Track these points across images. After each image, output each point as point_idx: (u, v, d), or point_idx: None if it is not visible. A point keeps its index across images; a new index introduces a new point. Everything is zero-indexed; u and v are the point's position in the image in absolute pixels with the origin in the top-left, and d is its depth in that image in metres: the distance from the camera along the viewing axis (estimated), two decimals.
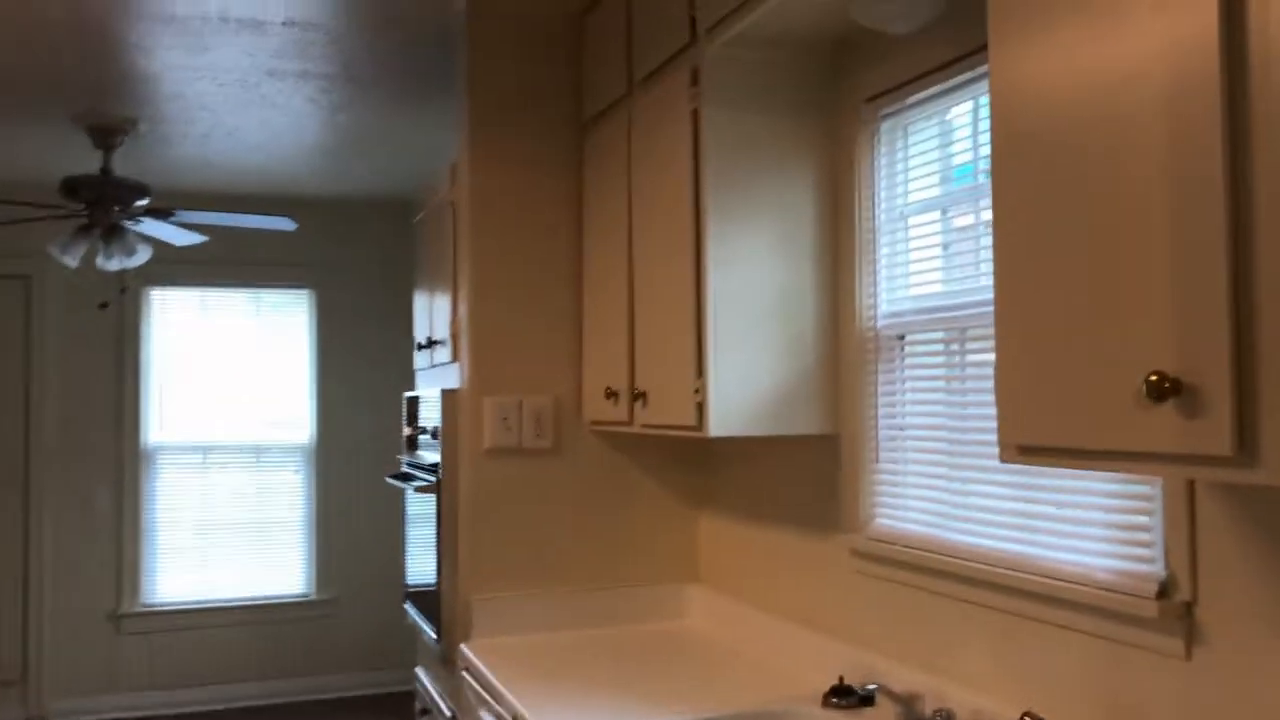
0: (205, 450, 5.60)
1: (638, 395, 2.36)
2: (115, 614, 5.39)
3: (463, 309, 2.77)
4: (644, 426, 2.35)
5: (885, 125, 2.08)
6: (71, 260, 4.08)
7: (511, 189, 2.73)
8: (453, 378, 2.91)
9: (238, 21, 2.95)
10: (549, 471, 2.74)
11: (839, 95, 2.18)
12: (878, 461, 2.09)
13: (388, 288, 5.80)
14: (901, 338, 2.03)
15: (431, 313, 3.23)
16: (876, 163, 2.10)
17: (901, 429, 2.02)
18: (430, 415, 2.97)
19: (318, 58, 3.28)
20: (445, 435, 2.79)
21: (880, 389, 2.08)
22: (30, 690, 5.24)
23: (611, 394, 2.50)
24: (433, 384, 3.22)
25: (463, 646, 2.60)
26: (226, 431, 5.64)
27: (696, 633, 2.68)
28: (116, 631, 5.39)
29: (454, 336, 2.90)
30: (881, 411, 2.08)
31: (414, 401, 3.26)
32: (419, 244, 3.50)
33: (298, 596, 5.69)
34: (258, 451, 5.68)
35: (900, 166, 2.06)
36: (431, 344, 3.17)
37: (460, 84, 2.80)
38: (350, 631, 5.73)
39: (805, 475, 2.32)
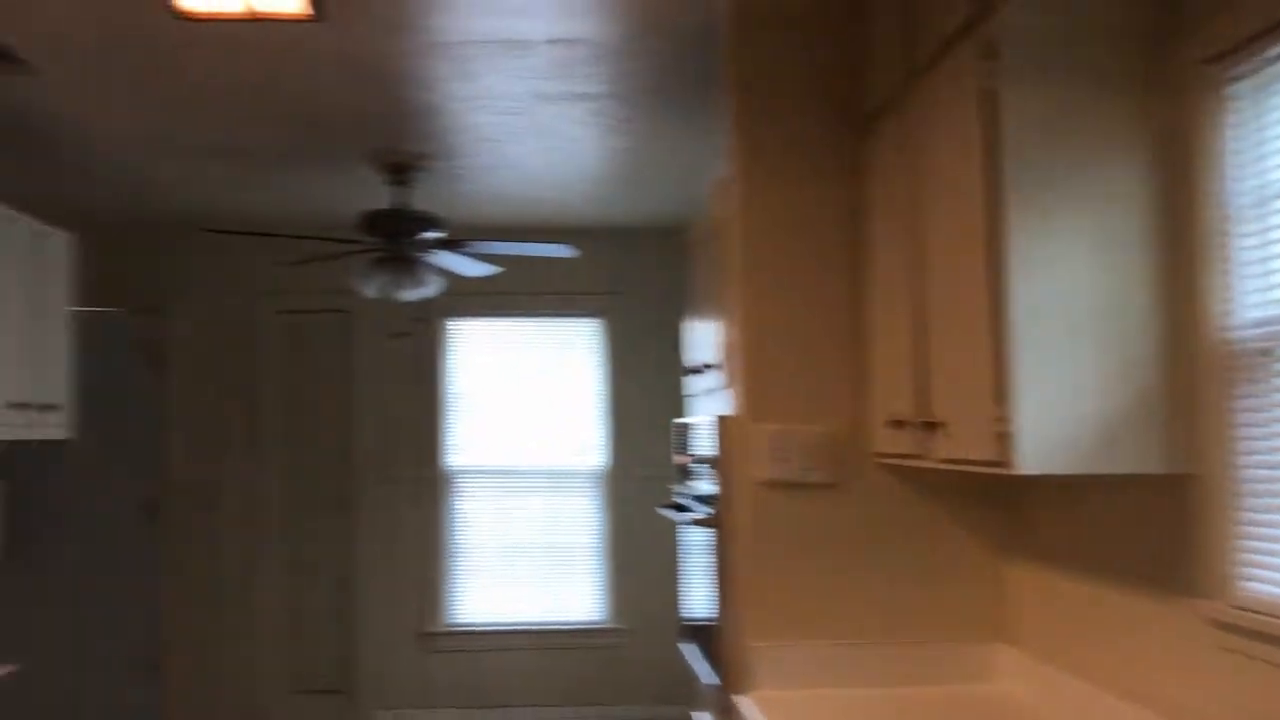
0: (503, 475, 5.74)
1: (929, 425, 2.04)
2: (424, 632, 5.62)
3: (734, 330, 2.56)
4: (938, 461, 2.03)
5: (1236, 90, 1.67)
6: (371, 292, 4.26)
7: (783, 200, 2.50)
8: (726, 404, 2.70)
9: (502, 44, 2.91)
10: (830, 508, 2.46)
11: (1168, 59, 1.78)
12: (1242, 509, 1.66)
13: (672, 315, 5.72)
14: (1269, 352, 1.60)
15: (704, 336, 3.05)
16: (1226, 137, 1.69)
17: (1275, 468, 1.59)
18: (703, 443, 2.78)
19: (584, 77, 3.20)
20: (720, 465, 2.59)
21: (1242, 417, 1.65)
22: (352, 701, 5.55)
23: (898, 423, 2.19)
24: (706, 410, 3.04)
25: (741, 698, 2.37)
26: (523, 457, 5.76)
27: (1004, 700, 2.30)
28: (426, 649, 5.62)
29: (726, 360, 2.69)
30: (1244, 446, 1.65)
31: (684, 429, 3.08)
32: (691, 264, 3.34)
33: (592, 623, 5.69)
34: (552, 477, 5.75)
35: (1259, 140, 1.64)
36: (704, 368, 2.99)
37: (726, 91, 2.61)
38: (641, 661, 5.66)
39: (1143, 523, 1.91)
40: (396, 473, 5.66)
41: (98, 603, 5.50)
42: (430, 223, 4.19)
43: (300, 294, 5.66)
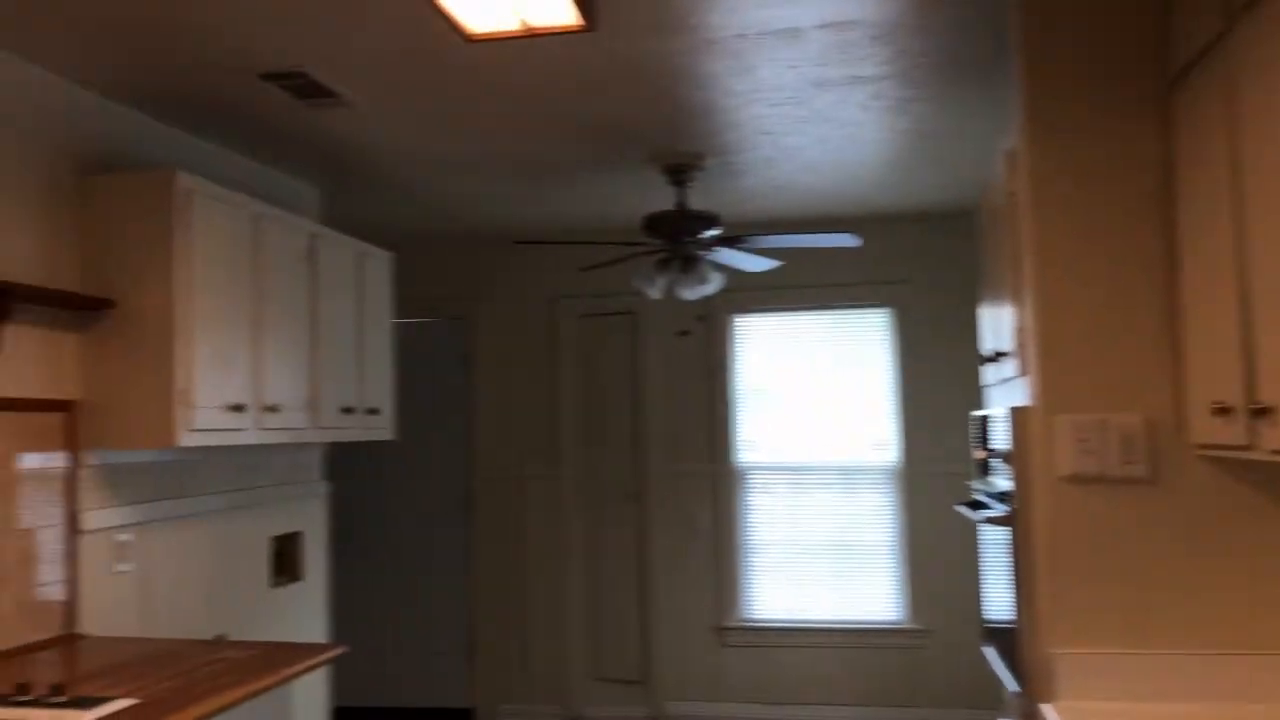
0: (794, 471, 5.70)
1: (1260, 410, 1.81)
2: (718, 627, 5.68)
3: (1027, 313, 2.39)
4: (1268, 452, 1.79)
5: None
6: (655, 292, 4.35)
7: (1079, 167, 2.30)
8: (1021, 394, 2.53)
9: (774, 34, 2.88)
10: (1144, 505, 2.24)
11: None
12: None
13: (966, 302, 5.45)
14: None
15: (997, 321, 2.86)
16: None
17: None
18: (1000, 437, 2.61)
19: (861, 59, 3.10)
20: (1015, 459, 2.42)
21: None
22: (650, 691, 5.71)
23: (1223, 409, 1.96)
24: (1001, 401, 2.85)
25: (1046, 707, 2.21)
26: (814, 453, 5.69)
27: None
28: (720, 643, 5.68)
29: (1020, 346, 2.52)
30: None
31: (983, 421, 2.92)
32: (982, 245, 3.15)
33: (889, 623, 5.54)
34: (845, 473, 5.65)
35: None
36: (998, 356, 2.81)
37: (1014, 56, 2.43)
38: (941, 663, 5.44)
39: None
40: (686, 468, 5.76)
41: (419, 590, 5.99)
42: (710, 221, 4.22)
43: (592, 297, 5.89)
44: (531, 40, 2.80)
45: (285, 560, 4.28)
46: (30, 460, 2.91)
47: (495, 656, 5.86)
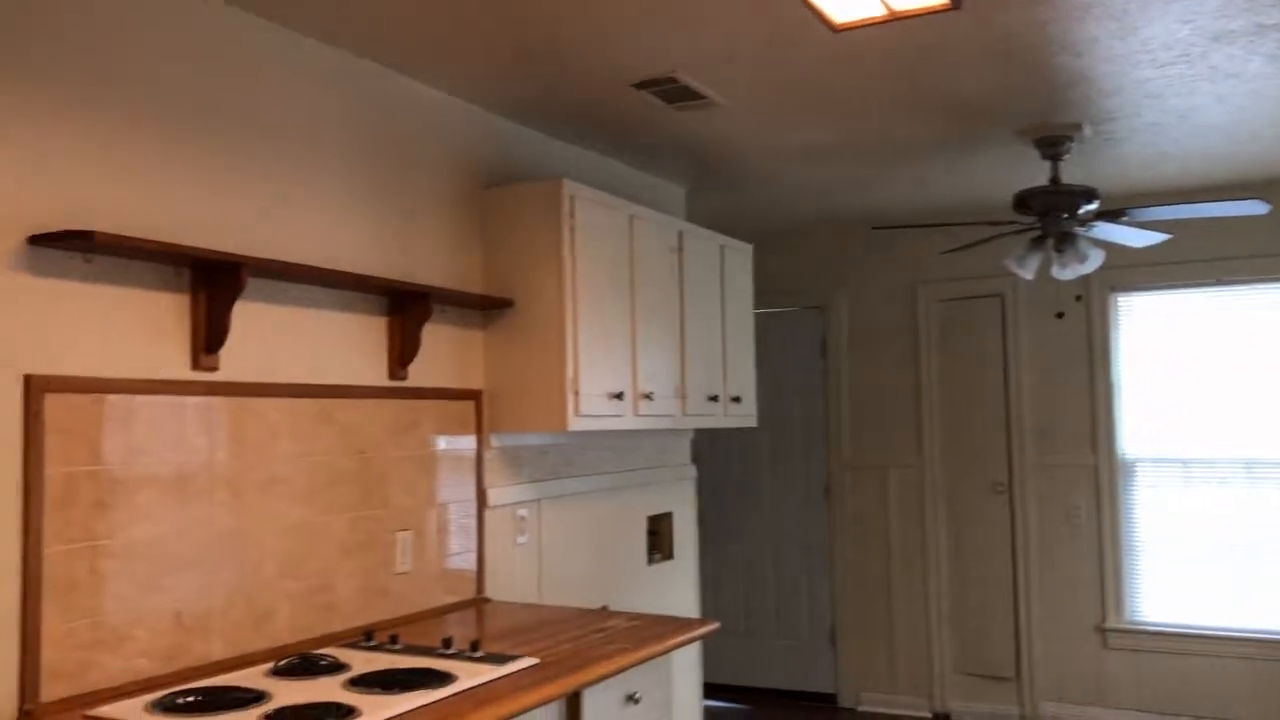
0: (1184, 464, 5.21)
1: None
2: (1101, 627, 5.32)
3: None
4: None
5: None
6: (1027, 273, 4.14)
7: None
8: None
9: None
10: None
11: None
12: None
13: None
14: None
15: None
16: None
17: None
18: None
19: (1270, 4, 2.77)
20: None
21: None
22: (1023, 689, 5.46)
23: None
24: None
25: None
26: (1210, 445, 5.17)
27: None
28: (1103, 645, 5.31)
29: None
30: None
31: None
32: None
33: None
34: (1249, 466, 5.08)
35: None
36: None
37: None
38: None
39: None
40: (1063, 459, 5.43)
41: (780, 576, 6.09)
42: (1086, 195, 3.95)
43: (955, 281, 5.71)
44: (896, 23, 2.76)
45: (658, 539, 4.52)
46: (447, 442, 3.29)
47: (859, 644, 5.85)
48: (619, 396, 3.52)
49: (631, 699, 2.84)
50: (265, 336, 2.70)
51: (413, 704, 2.13)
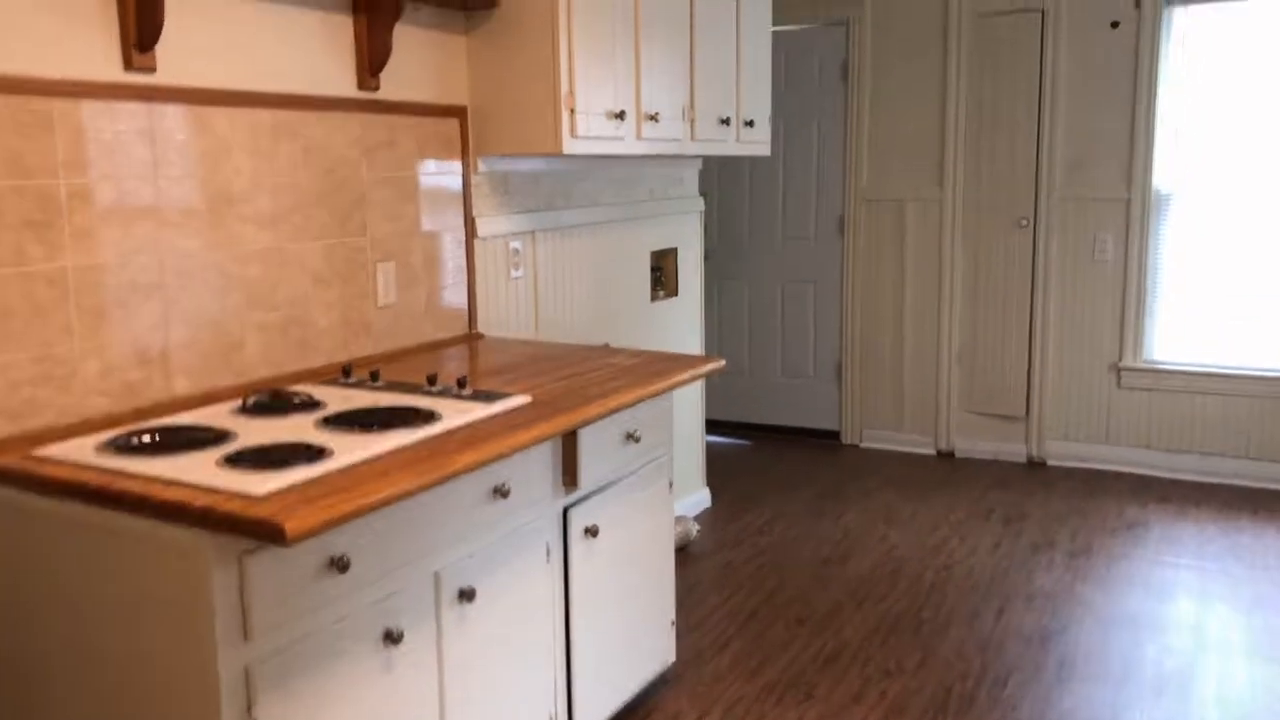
0: (1219, 199, 4.89)
1: None
2: (1115, 366, 5.18)
3: None
4: None
5: None
6: None
7: None
8: None
9: None
10: None
11: None
12: None
13: None
14: None
15: None
16: None
17: None
18: None
19: None
20: None
21: None
22: (1031, 428, 5.39)
23: None
24: None
25: None
26: (1246, 179, 4.83)
27: None
28: (1116, 384, 5.19)
29: None
30: None
31: None
32: None
33: None
34: None
35: None
36: None
37: None
38: None
39: None
40: (1093, 192, 5.11)
41: (788, 312, 5.91)
42: None
43: None
44: None
45: (662, 275, 4.28)
46: (430, 166, 2.98)
47: (865, 382, 5.75)
48: (620, 116, 3.17)
49: (631, 437, 2.68)
50: (208, 33, 2.33)
51: (390, 444, 1.94)
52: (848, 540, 4.29)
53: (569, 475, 2.46)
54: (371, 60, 2.73)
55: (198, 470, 1.79)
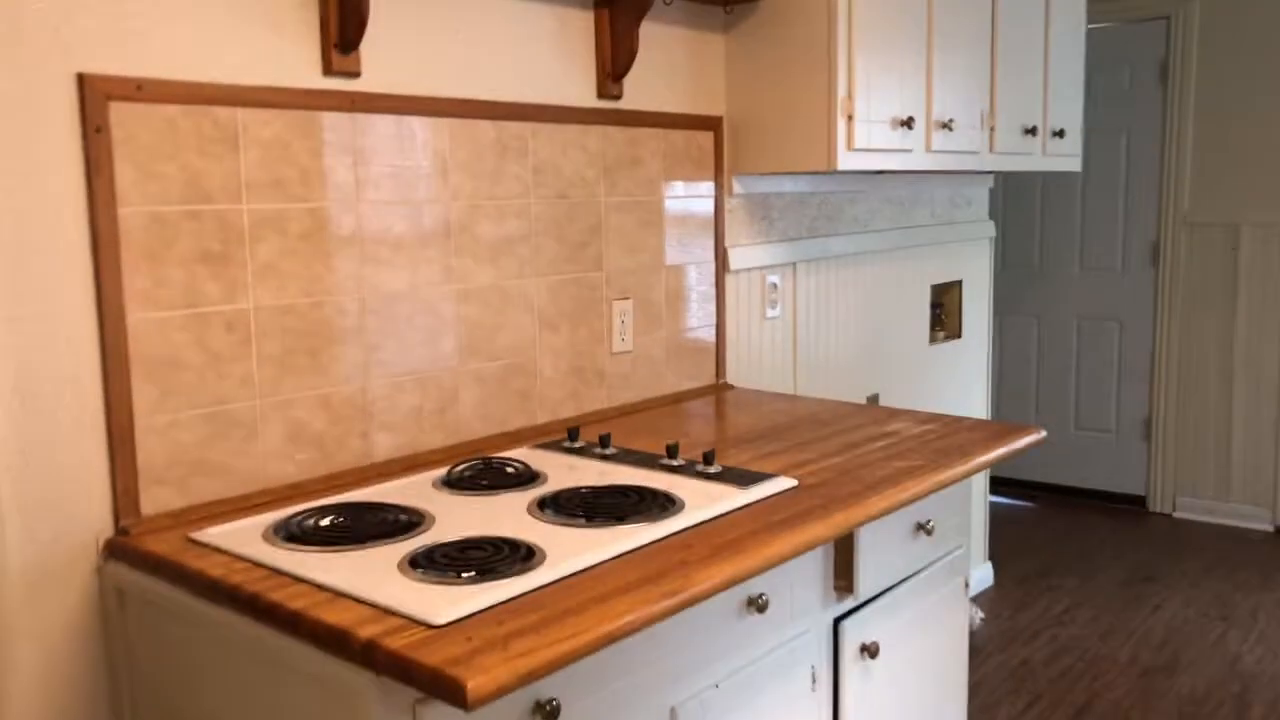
0: None
1: None
2: None
3: None
4: None
5: None
6: None
7: None
8: None
9: None
10: None
11: None
12: None
13: None
14: None
15: None
16: None
17: None
18: None
19: None
20: None
21: None
22: None
23: None
24: None
25: None
26: None
27: None
28: None
29: None
30: None
31: None
32: None
33: None
34: None
35: None
36: None
37: None
38: None
39: None
40: None
41: (1087, 357, 5.08)
42: None
43: None
44: None
45: (944, 313, 3.66)
46: (678, 188, 2.53)
47: (1181, 441, 4.84)
48: (907, 124, 2.60)
49: (922, 528, 2.10)
50: (420, 31, 1.98)
51: (616, 546, 1.48)
52: (1174, 642, 3.49)
53: (843, 579, 1.92)
54: (614, 64, 2.31)
55: (375, 573, 1.39)
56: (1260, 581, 4.00)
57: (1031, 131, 3.17)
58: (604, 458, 1.97)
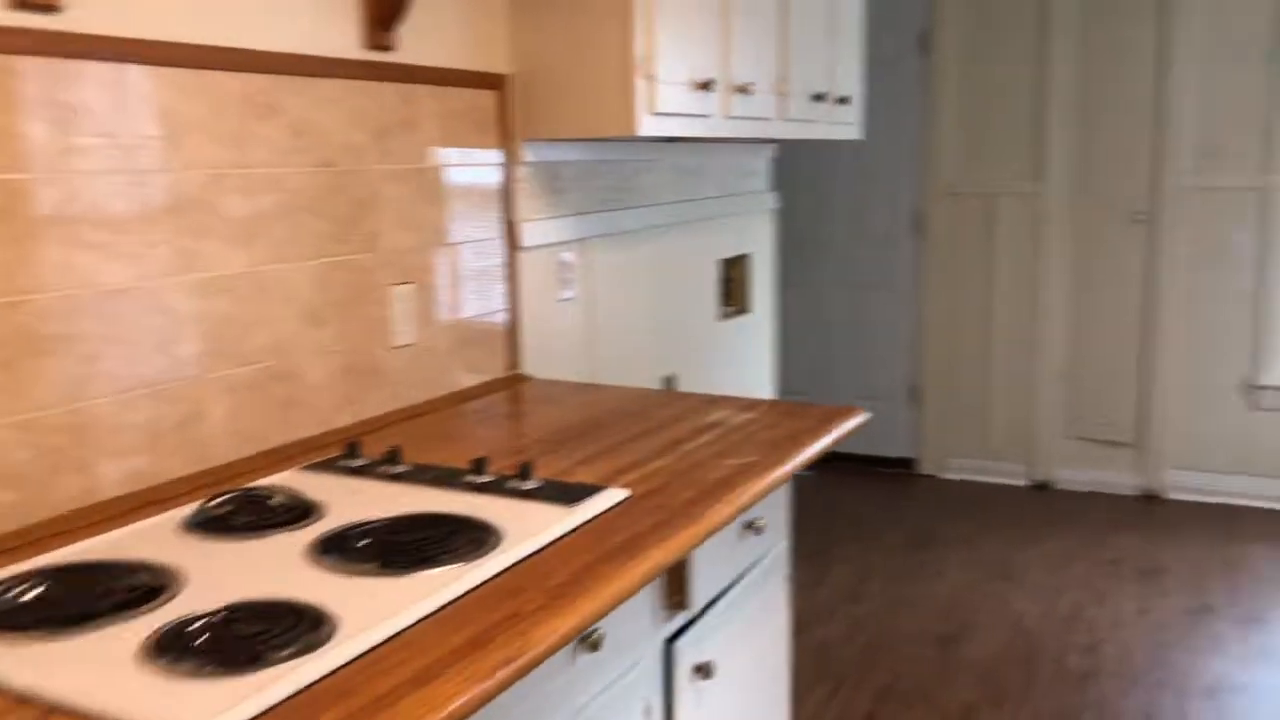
0: None
1: None
2: (1251, 385, 4.42)
3: None
4: None
5: None
6: None
7: None
8: None
9: None
10: None
11: None
12: None
13: None
14: None
15: None
16: None
17: None
18: None
19: None
20: None
21: None
22: (1146, 456, 4.63)
23: None
24: None
25: None
26: None
27: None
28: (1250, 406, 4.44)
29: None
30: None
31: None
32: None
33: None
34: None
35: None
36: None
37: None
38: None
39: None
40: (1223, 181, 4.35)
41: (858, 324, 5.15)
42: None
43: None
44: None
45: (732, 288, 3.53)
46: (456, 154, 2.22)
47: (947, 403, 4.99)
48: (707, 87, 2.41)
49: (752, 527, 1.92)
50: None
51: (428, 602, 1.19)
52: (960, 608, 3.54)
53: (676, 595, 1.70)
54: (383, 9, 1.97)
55: (105, 669, 1.04)
56: (1027, 538, 4.16)
57: (820, 98, 3.06)
58: (394, 477, 1.65)
